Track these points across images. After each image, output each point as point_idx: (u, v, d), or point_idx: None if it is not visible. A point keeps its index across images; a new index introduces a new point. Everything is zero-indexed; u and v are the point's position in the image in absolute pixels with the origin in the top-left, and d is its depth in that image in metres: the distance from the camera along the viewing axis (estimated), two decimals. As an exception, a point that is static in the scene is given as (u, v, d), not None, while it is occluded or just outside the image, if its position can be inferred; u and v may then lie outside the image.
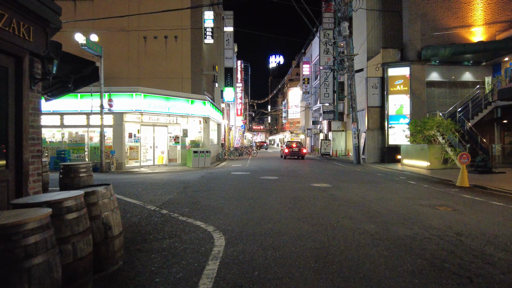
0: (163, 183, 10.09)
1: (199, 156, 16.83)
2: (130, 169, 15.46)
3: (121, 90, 15.13)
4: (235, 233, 4.70)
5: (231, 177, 11.59)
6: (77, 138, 15.77)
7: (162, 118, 16.70)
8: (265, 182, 10.09)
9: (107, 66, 22.42)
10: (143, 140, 16.47)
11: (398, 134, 20.10)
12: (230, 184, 9.65)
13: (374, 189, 8.99)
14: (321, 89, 30.60)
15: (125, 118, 15.34)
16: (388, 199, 7.51)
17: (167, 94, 16.11)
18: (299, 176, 12.07)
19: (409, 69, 19.80)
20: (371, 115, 21.44)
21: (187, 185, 9.59)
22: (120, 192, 8.34)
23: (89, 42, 13.03)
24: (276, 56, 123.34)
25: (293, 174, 13.04)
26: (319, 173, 13.35)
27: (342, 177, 11.89)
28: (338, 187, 9.31)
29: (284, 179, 11.13)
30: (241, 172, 13.57)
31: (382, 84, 21.18)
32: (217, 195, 7.86)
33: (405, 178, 12.19)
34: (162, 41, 23.37)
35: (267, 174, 12.73)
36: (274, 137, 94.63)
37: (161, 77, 22.40)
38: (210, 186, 9.35)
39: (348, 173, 13.52)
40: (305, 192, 8.28)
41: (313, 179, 11.28)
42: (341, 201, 7.14)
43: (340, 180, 10.93)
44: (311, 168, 16.05)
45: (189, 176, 12.13)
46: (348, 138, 30.60)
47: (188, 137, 18.09)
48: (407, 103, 19.94)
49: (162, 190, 8.62)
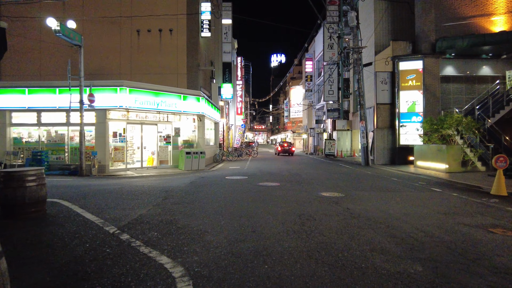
0: (142, 191, 8.49)
1: (192, 157, 15.24)
2: (115, 172, 13.89)
3: (104, 85, 13.55)
4: (212, 282, 3.09)
5: (225, 183, 9.97)
6: (56, 137, 14.20)
7: (151, 115, 15.10)
8: (263, 191, 8.46)
9: (97, 62, 20.94)
10: (129, 140, 14.89)
11: (410, 134, 18.45)
12: (221, 193, 8.04)
13: (396, 200, 7.37)
14: (325, 86, 28.96)
15: (108, 115, 13.76)
16: (419, 215, 5.89)
17: (156, 89, 14.52)
18: (303, 182, 10.45)
19: (422, 62, 18.16)
20: (380, 112, 19.79)
21: (169, 194, 7.98)
22: (85, 204, 6.76)
23: (65, 28, 11.44)
24: (278, 55, 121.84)
25: (297, 179, 11.42)
26: (326, 178, 11.72)
27: (354, 183, 10.26)
28: (351, 197, 7.69)
29: (287, 186, 9.51)
30: (237, 177, 11.97)
31: (392, 80, 19.54)
32: (202, 210, 6.25)
33: (425, 183, 10.56)
34: (156, 35, 21.86)
35: (267, 179, 11.11)
36: (275, 137, 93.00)
37: (155, 72, 20.92)
38: (197, 196, 7.74)
39: (359, 178, 11.90)
40: (313, 205, 6.66)
41: (321, 185, 9.66)
42: (361, 219, 5.52)
43: (352, 187, 9.31)
44: (317, 172, 14.43)
45: (177, 182, 10.52)
46: (354, 138, 28.95)
47: (181, 137, 16.49)
48: (420, 99, 18.28)
49: (137, 202, 7.02)
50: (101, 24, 21.49)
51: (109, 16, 21.39)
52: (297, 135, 58.41)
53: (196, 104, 16.09)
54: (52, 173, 13.28)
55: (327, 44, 29.21)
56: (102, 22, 21.61)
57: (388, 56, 19.87)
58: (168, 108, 14.88)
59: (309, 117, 43.99)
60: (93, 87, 13.19)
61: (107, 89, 13.43)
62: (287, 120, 67.36)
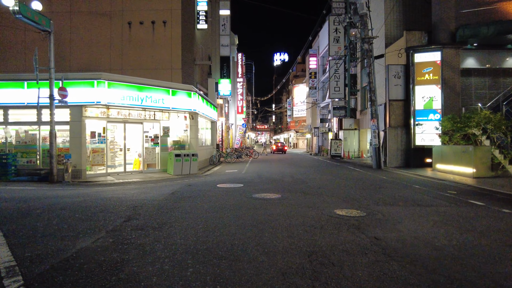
0: (106, 206, 6.67)
1: (182, 160, 13.44)
2: (93, 177, 12.11)
3: (79, 77, 11.76)
4: None
5: (214, 195, 8.14)
6: (26, 138, 12.44)
7: (135, 112, 13.29)
8: (260, 207, 6.59)
9: (85, 57, 19.25)
10: (111, 140, 13.11)
11: (427, 133, 16.57)
12: (204, 212, 6.19)
13: (434, 220, 5.51)
14: (331, 83, 27.07)
15: (85, 112, 11.98)
16: (483, 251, 4.03)
17: (139, 82, 12.70)
18: (310, 192, 8.60)
19: (441, 54, 16.24)
20: (393, 110, 17.90)
21: (137, 211, 6.16)
22: (15, 229, 4.96)
23: (26, 10, 9.64)
24: (281, 53, 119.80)
25: (302, 187, 9.57)
26: (336, 186, 9.87)
27: (371, 193, 8.40)
28: (375, 216, 5.84)
29: (290, 198, 7.66)
30: (231, 185, 10.13)
31: (406, 73, 17.66)
32: (168, 242, 4.41)
33: (457, 192, 8.69)
34: (149, 27, 20.16)
35: (266, 189, 9.27)
36: (278, 137, 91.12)
37: (147, 67, 19.28)
38: (171, 215, 5.90)
39: (375, 185, 10.02)
40: (327, 233, 4.79)
41: (332, 197, 7.81)
42: (402, 262, 3.67)
43: (372, 199, 7.44)
44: (324, 177, 12.57)
45: (156, 192, 8.69)
46: (362, 138, 27.03)
47: (170, 137, 14.69)
48: (437, 95, 16.38)
49: (88, 225, 5.22)
50: (90, 16, 19.83)
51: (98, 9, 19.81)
52: (301, 135, 56.48)
53: (187, 100, 14.26)
54: (19, 179, 11.53)
55: (332, 37, 27.33)
56: (91, 14, 20.00)
57: (401, 48, 17.99)
58: (154, 104, 13.07)
59: (313, 116, 42.07)
60: (66, 80, 11.40)
61: (83, 83, 11.65)
62: (290, 120, 65.43)
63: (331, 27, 27.30)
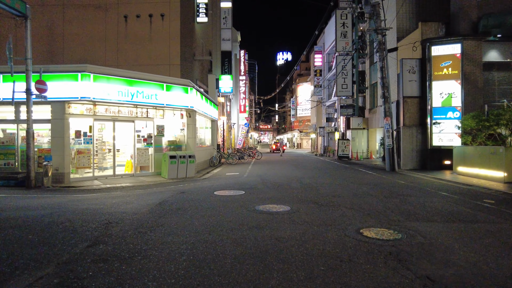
0: (71, 223, 5.36)
1: (178, 162, 12.15)
2: (78, 182, 10.84)
3: (61, 70, 10.47)
4: None
5: (208, 207, 6.80)
6: (5, 138, 11.20)
7: (126, 110, 12.01)
8: (265, 227, 5.19)
9: (79, 52, 18.05)
10: (98, 140, 11.85)
11: (446, 133, 15.20)
12: (193, 233, 4.86)
13: (495, 246, 4.16)
14: (338, 80, 25.70)
15: (68, 109, 10.72)
16: None
17: (130, 76, 11.40)
18: (325, 202, 7.26)
19: (461, 46, 14.85)
20: (408, 108, 16.51)
21: (107, 232, 4.85)
22: None
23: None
24: (284, 53, 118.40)
25: (314, 195, 8.23)
26: (352, 193, 8.53)
27: (398, 203, 7.05)
28: (415, 238, 4.49)
29: (301, 211, 6.31)
30: (230, 192, 8.81)
31: (421, 68, 16.28)
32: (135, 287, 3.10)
33: (496, 202, 7.33)
34: (146, 20, 18.96)
35: (272, 197, 7.94)
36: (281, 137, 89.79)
37: (144, 63, 18.11)
38: (148, 239, 4.55)
39: (396, 191, 8.67)
40: (358, 270, 3.42)
41: (353, 209, 6.47)
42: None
43: (402, 213, 6.09)
44: (336, 181, 11.22)
45: (140, 202, 7.38)
46: (371, 138, 25.63)
47: (165, 137, 13.40)
48: (457, 91, 14.99)
49: (34, 253, 3.92)
50: (84, 9, 18.64)
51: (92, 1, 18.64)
52: (305, 135, 55.07)
53: (184, 96, 12.96)
54: (-6, 184, 10.28)
55: (339, 32, 25.98)
56: (84, 7, 18.83)
57: (416, 41, 16.60)
58: (146, 100, 11.76)
59: (318, 115, 40.68)
60: (46, 73, 10.13)
61: (65, 76, 10.37)
62: (294, 119, 64.07)
63: (338, 21, 25.95)
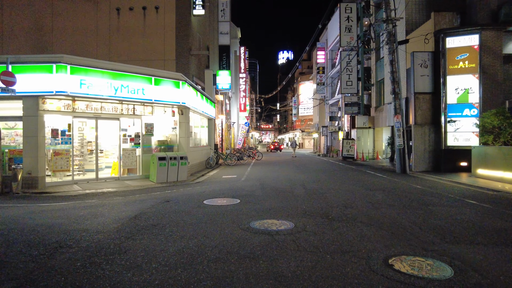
0: (9, 248, 4.12)
1: (168, 164, 10.93)
2: (54, 187, 9.63)
3: (33, 60, 9.24)
4: None
5: (193, 221, 5.56)
6: (-27, 137, 9.99)
7: (110, 106, 10.77)
8: (261, 256, 3.86)
9: (69, 46, 16.89)
10: (78, 140, 10.63)
11: (461, 132, 13.95)
12: (162, 267, 3.58)
13: None
14: (343, 76, 24.41)
15: (43, 105, 9.51)
16: None
17: (112, 68, 10.13)
18: (337, 217, 6.00)
19: (479, 37, 13.58)
20: (419, 105, 15.25)
21: (43, 265, 3.61)
22: None
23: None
24: (285, 52, 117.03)
25: (322, 206, 6.98)
26: (368, 201, 7.28)
27: (424, 216, 5.80)
28: (468, 277, 3.24)
29: (308, 230, 5.03)
30: (223, 200, 7.57)
31: (434, 62, 15.03)
32: None
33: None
34: (140, 13, 17.80)
35: (272, 208, 6.69)
36: (283, 136, 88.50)
37: (138, 58, 16.95)
38: (96, 277, 3.29)
39: (416, 199, 7.42)
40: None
41: (373, 227, 5.22)
42: None
43: (434, 231, 4.84)
44: (345, 186, 9.97)
45: (114, 213, 6.15)
46: (377, 137, 24.35)
47: (155, 136, 12.18)
48: (474, 86, 13.73)
49: None
50: (74, 1, 17.49)
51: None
52: (307, 135, 53.76)
53: (175, 91, 11.71)
54: (-42, 190, 9.08)
55: (344, 26, 24.67)
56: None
57: (428, 32, 15.34)
58: (132, 95, 10.52)
59: (320, 114, 39.38)
60: (14, 64, 8.92)
61: (38, 68, 9.14)
62: (296, 119, 62.78)
63: (342, 15, 24.66)
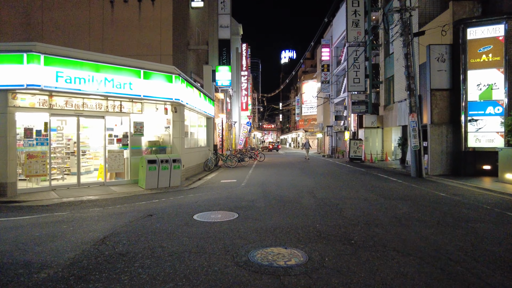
0: None
1: (158, 168, 9.70)
2: (27, 194, 8.42)
3: (0, 49, 8.04)
4: None
5: (174, 250, 4.30)
6: None
7: (93, 102, 9.54)
8: None
9: (60, 41, 15.65)
10: (57, 141, 9.41)
11: (484, 132, 12.65)
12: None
13: None
14: (350, 73, 23.11)
15: (14, 101, 8.29)
16: None
17: (94, 59, 8.90)
18: (360, 240, 4.72)
19: (504, 27, 12.30)
20: (436, 102, 13.95)
21: None
22: None
23: None
24: (288, 51, 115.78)
25: (339, 223, 5.70)
26: (393, 215, 6.01)
27: (469, 239, 4.55)
28: None
29: (327, 263, 3.78)
30: (217, 215, 6.30)
31: (453, 55, 13.74)
32: None
33: None
34: (135, 6, 16.64)
35: (277, 226, 5.43)
36: (286, 136, 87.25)
37: (132, 53, 15.77)
38: None
39: (446, 211, 6.14)
40: None
41: (411, 257, 3.96)
42: None
43: (498, 268, 3.59)
44: (361, 194, 8.69)
45: (79, 235, 4.91)
46: (386, 137, 23.03)
47: (145, 136, 10.94)
48: (499, 81, 12.43)
49: None
50: (66, -6, 16.36)
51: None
52: (310, 135, 52.38)
53: (167, 86, 10.47)
54: None
55: (351, 21, 23.38)
56: (66, -9, 16.55)
57: (446, 23, 14.04)
58: (118, 90, 9.28)
59: (325, 113, 38.05)
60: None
61: (6, 58, 7.92)
62: (299, 118, 61.47)
63: (349, 9, 23.37)
